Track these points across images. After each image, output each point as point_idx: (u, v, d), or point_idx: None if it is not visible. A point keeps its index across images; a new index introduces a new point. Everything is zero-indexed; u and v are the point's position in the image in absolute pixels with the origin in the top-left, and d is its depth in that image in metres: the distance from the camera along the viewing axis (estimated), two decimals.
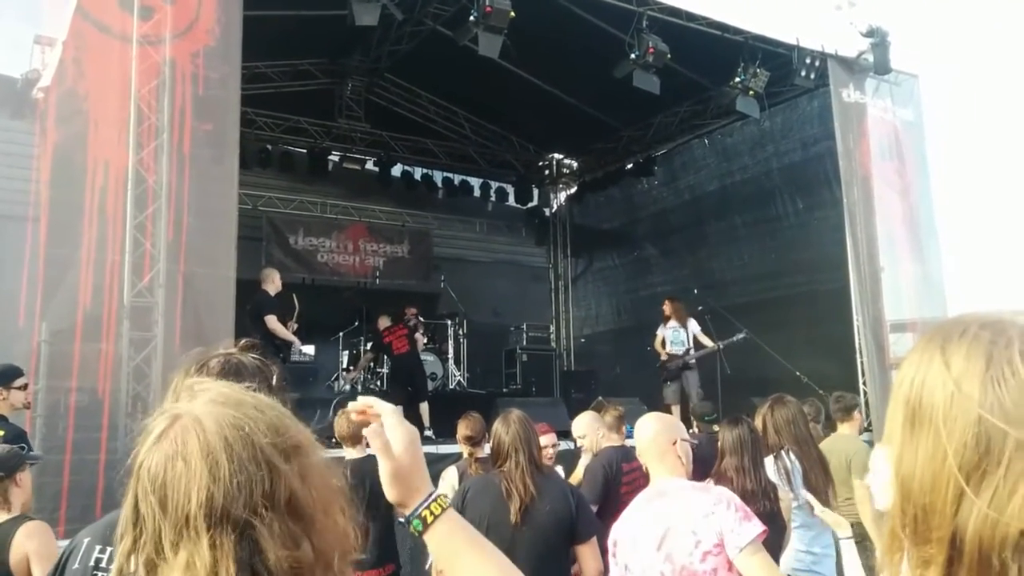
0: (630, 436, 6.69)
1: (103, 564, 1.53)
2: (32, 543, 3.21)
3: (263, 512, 0.92)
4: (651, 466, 3.05)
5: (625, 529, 2.94)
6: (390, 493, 1.22)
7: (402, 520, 1.27)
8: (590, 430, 4.96)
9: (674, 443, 3.02)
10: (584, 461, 5.24)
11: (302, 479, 0.97)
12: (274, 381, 1.65)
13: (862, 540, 5.61)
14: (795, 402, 4.52)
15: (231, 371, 1.60)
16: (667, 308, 10.39)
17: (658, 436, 3.04)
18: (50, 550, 3.21)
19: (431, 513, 1.21)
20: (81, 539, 1.60)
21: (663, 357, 10.22)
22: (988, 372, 0.74)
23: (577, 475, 5.19)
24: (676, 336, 10.21)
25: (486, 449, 5.00)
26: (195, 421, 0.96)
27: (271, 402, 1.04)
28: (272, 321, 8.17)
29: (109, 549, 1.53)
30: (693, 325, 10.14)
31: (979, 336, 0.76)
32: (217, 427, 0.95)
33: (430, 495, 1.22)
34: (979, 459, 0.72)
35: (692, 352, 10.01)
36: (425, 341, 11.11)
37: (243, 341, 1.76)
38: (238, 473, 0.92)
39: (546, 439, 4.60)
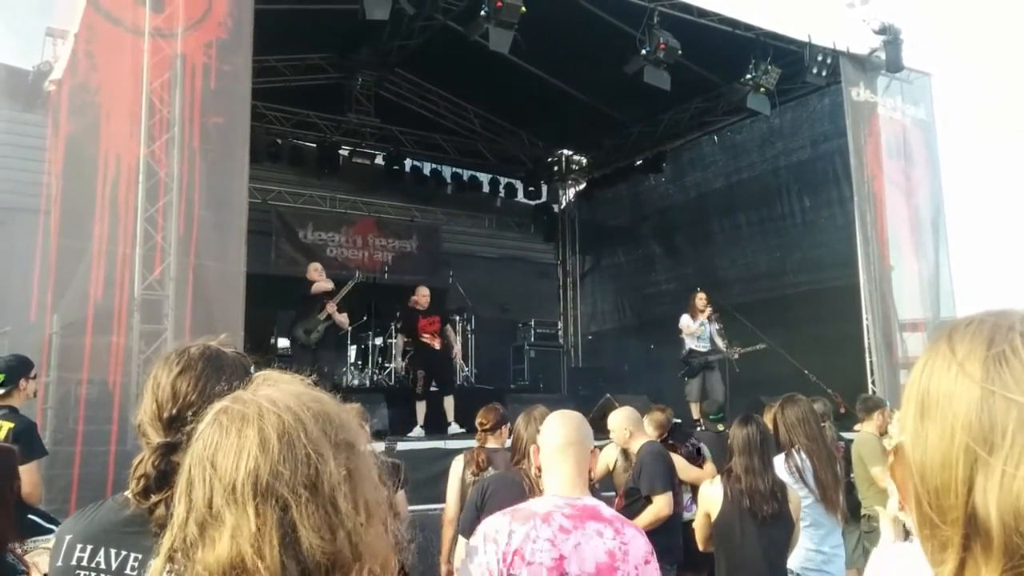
0: None
1: (84, 563, 1.52)
2: None
3: (303, 493, 0.94)
4: None
5: None
6: None
7: None
8: (618, 426, 5.05)
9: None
10: (610, 451, 5.36)
11: (349, 476, 0.99)
12: (252, 369, 1.66)
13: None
14: (806, 400, 4.52)
15: (211, 358, 1.60)
16: (701, 301, 9.91)
17: None
18: None
19: None
20: (63, 535, 1.59)
21: (685, 350, 9.91)
22: (990, 352, 0.76)
23: (605, 462, 5.33)
24: (703, 332, 9.91)
25: (490, 440, 4.89)
26: (253, 403, 1.00)
27: (332, 398, 1.06)
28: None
29: (89, 547, 1.53)
30: (714, 324, 9.94)
31: (983, 322, 0.79)
32: (274, 409, 0.99)
33: None
34: (984, 435, 0.73)
35: (713, 351, 9.90)
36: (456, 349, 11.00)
37: (223, 336, 1.77)
38: (286, 451, 0.96)
39: None
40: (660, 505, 4.64)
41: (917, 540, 0.81)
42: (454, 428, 8.86)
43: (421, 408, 9.05)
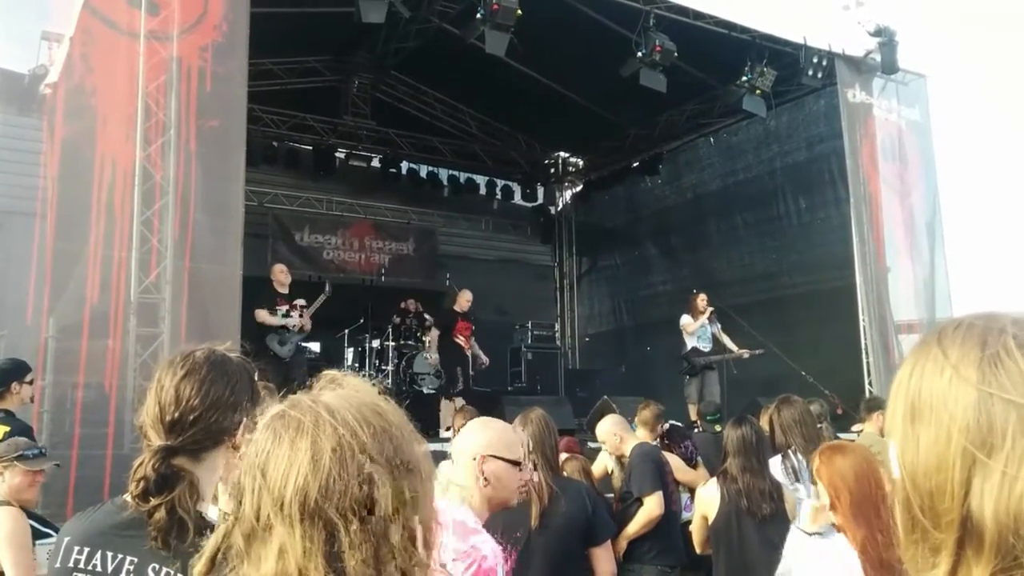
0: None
1: (81, 565, 1.52)
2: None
3: (352, 518, 0.88)
4: None
5: None
6: None
7: None
8: (607, 434, 5.03)
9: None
10: (604, 458, 5.34)
11: (411, 502, 0.92)
12: (256, 376, 1.66)
13: None
14: (802, 401, 4.51)
15: (216, 363, 1.61)
16: (702, 302, 9.97)
17: None
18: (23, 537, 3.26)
19: None
20: (62, 538, 1.59)
21: (688, 348, 9.94)
22: (984, 354, 0.75)
23: (602, 466, 5.33)
24: (703, 332, 9.95)
25: None
26: (310, 411, 0.94)
27: (399, 413, 1.00)
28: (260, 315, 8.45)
29: (87, 549, 1.53)
30: (715, 325, 9.99)
31: (974, 325, 0.78)
32: (331, 420, 0.93)
33: None
34: (983, 437, 0.73)
35: (715, 352, 9.90)
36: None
37: (228, 343, 1.77)
38: (338, 469, 0.89)
39: None
40: (651, 506, 4.64)
41: (834, 536, 0.80)
42: None
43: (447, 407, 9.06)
